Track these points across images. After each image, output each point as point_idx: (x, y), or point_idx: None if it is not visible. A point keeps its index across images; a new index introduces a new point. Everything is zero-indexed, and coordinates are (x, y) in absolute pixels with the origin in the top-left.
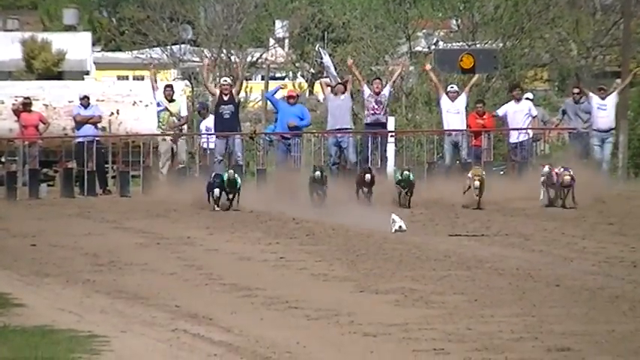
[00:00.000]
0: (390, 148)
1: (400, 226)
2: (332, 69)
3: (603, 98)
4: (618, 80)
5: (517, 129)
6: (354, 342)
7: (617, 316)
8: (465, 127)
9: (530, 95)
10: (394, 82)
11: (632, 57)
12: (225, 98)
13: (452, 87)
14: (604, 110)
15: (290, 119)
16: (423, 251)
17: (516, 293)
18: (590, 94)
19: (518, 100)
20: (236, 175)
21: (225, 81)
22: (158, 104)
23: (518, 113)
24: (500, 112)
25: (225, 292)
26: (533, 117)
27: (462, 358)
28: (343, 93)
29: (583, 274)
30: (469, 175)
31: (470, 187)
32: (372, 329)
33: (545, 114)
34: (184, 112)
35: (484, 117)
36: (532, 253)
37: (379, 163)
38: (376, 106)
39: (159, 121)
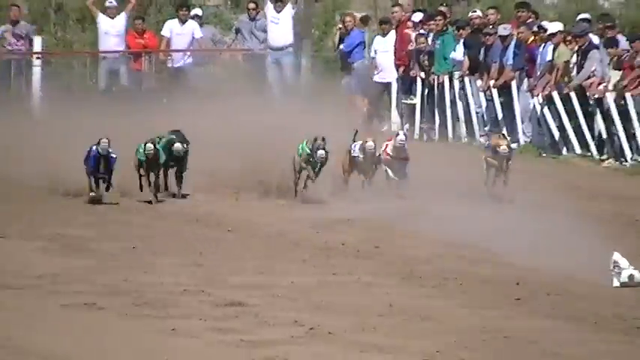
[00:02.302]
0: (36, 73)
1: (631, 276)
2: None
3: (279, 11)
4: None
5: (181, 50)
6: None
7: (297, 265)
8: (123, 48)
9: (199, 12)
10: None
11: None
12: None
13: (110, 2)
14: (276, 24)
15: None
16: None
17: (181, 240)
18: (269, 3)
19: (184, 22)
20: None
21: None
22: None
23: (182, 37)
24: (164, 32)
25: None
26: (197, 38)
27: (117, 314)
28: None
29: (259, 218)
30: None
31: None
32: (13, 281)
33: (217, 33)
34: None
35: (145, 36)
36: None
37: (23, 90)
38: None
39: None
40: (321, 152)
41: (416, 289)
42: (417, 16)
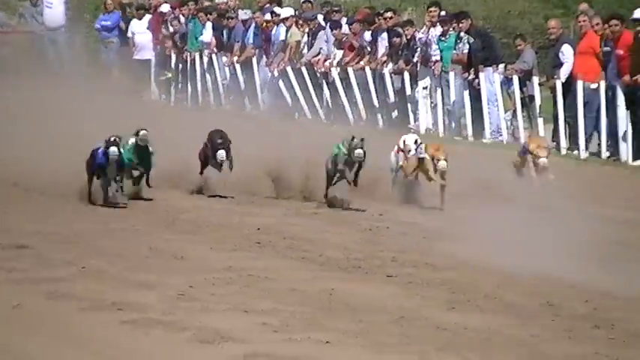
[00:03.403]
0: None
1: None
2: None
3: None
4: None
5: None
6: None
7: (75, 215)
8: None
9: None
10: None
11: None
12: None
13: None
14: (50, 9)
15: None
16: None
17: None
18: None
19: None
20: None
21: None
22: None
23: None
24: None
25: None
26: None
27: None
28: None
29: (42, 176)
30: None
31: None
32: None
33: (3, 17)
34: None
35: None
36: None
37: None
38: None
39: None
40: (359, 151)
41: (175, 235)
42: (165, 7)
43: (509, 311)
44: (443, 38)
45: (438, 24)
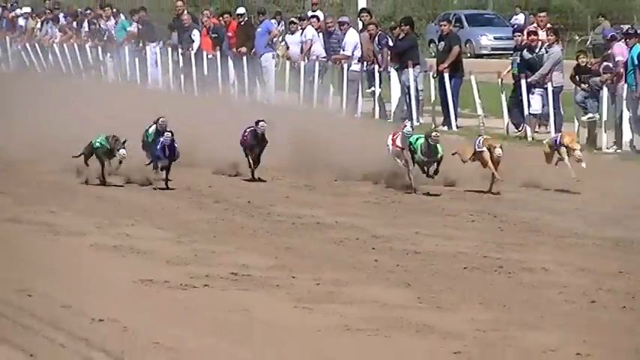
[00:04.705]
0: None
1: None
2: None
3: None
4: None
5: None
6: None
7: None
8: None
9: None
10: None
11: None
12: None
13: None
14: None
15: None
16: None
17: None
18: None
19: None
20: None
21: None
22: None
23: None
24: None
25: None
26: None
27: None
28: None
29: None
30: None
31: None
32: None
33: None
34: None
35: None
36: None
37: None
38: None
39: None
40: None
41: None
42: None
43: (164, 192)
44: (115, 25)
45: (112, 17)
